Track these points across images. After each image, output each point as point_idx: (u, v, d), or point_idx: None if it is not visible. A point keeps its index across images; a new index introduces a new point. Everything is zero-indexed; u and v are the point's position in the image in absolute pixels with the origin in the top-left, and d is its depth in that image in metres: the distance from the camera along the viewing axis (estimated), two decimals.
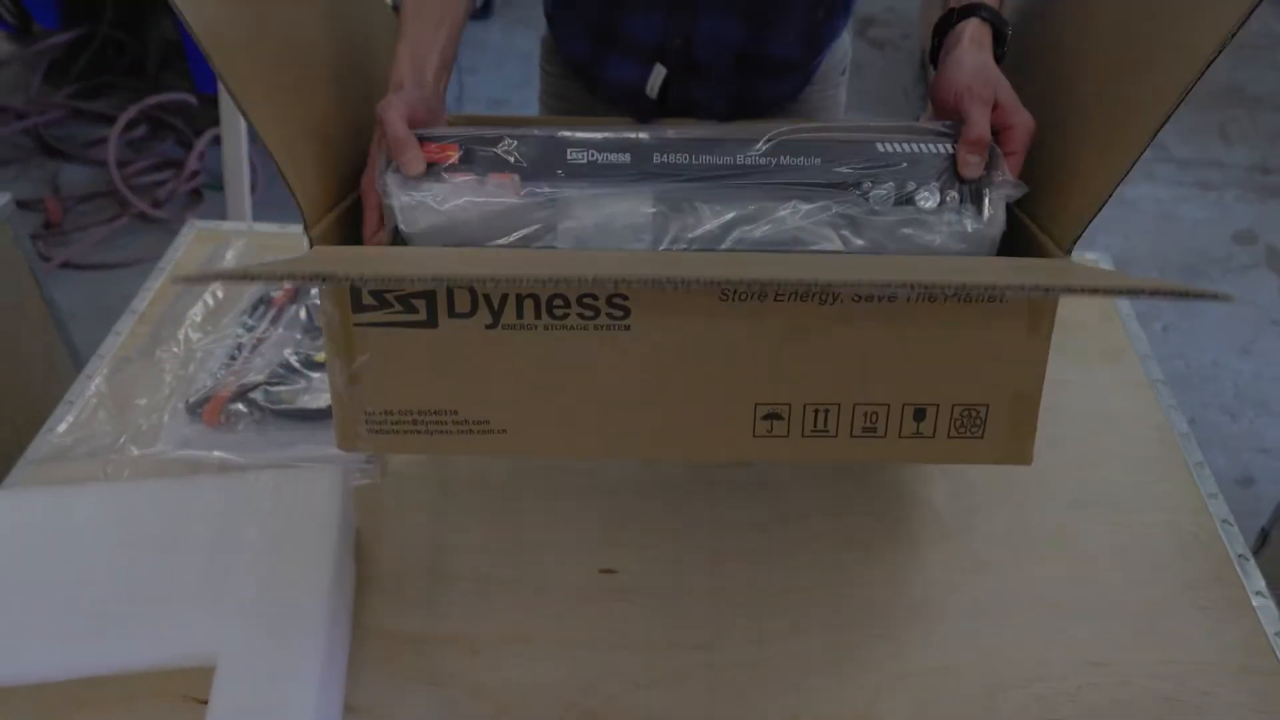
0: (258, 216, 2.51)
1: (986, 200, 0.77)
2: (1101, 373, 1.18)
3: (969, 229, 0.76)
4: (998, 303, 0.73)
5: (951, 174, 0.78)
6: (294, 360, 1.09)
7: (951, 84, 0.82)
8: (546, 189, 0.77)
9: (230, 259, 1.26)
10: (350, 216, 0.85)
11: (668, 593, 0.90)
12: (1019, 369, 0.75)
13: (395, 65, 0.87)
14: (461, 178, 0.78)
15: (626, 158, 0.79)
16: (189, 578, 0.83)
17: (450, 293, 0.73)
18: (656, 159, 0.79)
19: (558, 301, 0.73)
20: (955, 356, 0.75)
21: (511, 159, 0.79)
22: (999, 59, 0.86)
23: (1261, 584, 0.92)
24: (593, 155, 0.79)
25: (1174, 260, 2.72)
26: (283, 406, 1.05)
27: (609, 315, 0.73)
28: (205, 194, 2.87)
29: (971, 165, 0.77)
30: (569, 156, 0.79)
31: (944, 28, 0.89)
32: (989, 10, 0.87)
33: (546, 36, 1.22)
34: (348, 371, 0.76)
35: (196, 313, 1.16)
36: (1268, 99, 3.43)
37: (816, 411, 0.77)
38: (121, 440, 1.02)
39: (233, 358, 1.11)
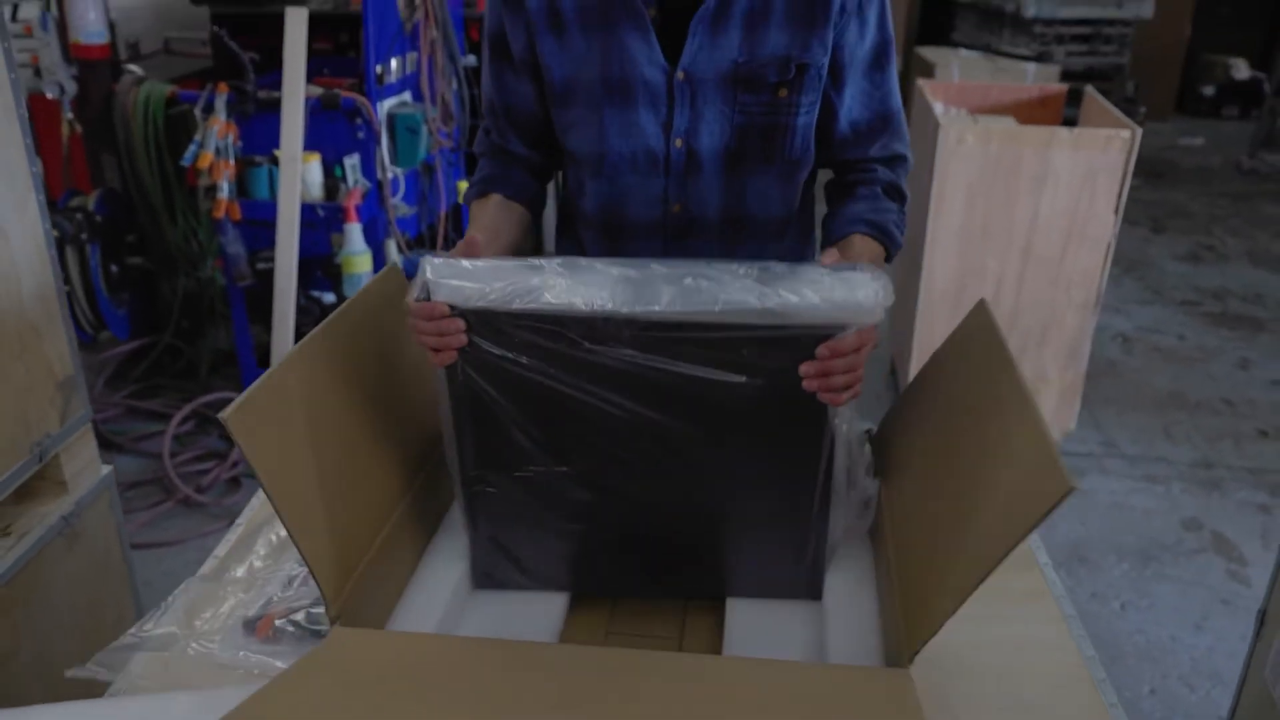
0: None
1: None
2: (1022, 609, 1.39)
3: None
4: None
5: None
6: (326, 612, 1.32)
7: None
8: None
9: None
10: (359, 583, 1.17)
11: None
12: None
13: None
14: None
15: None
16: None
17: None
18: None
19: None
20: None
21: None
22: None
23: None
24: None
25: (1129, 545, 2.95)
26: (319, 627, 1.27)
27: None
28: (243, 481, 3.16)
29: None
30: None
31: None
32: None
33: None
34: None
35: (261, 547, 1.41)
36: (1205, 403, 3.80)
37: None
38: (189, 645, 1.24)
39: (286, 586, 1.34)
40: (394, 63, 3.39)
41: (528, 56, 1.38)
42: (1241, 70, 8.30)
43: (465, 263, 1.13)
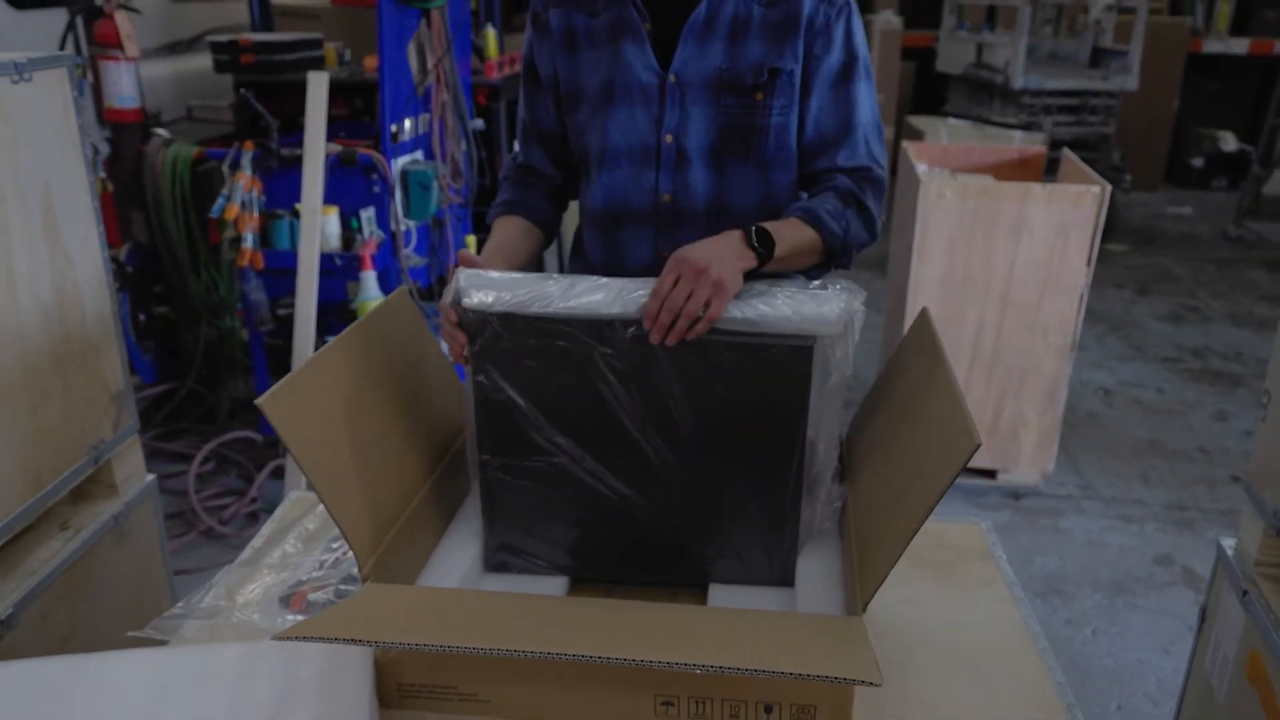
0: None
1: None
2: (978, 594, 1.54)
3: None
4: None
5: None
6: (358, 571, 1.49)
7: None
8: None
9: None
10: (383, 558, 1.32)
11: None
12: (835, 689, 1.14)
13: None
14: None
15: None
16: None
17: None
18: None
19: None
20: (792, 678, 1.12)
21: None
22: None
23: None
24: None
25: (1103, 578, 3.09)
26: None
27: None
28: (261, 515, 3.32)
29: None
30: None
31: None
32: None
33: None
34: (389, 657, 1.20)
35: (293, 538, 1.58)
36: (1182, 452, 3.95)
37: (698, 702, 1.17)
38: (232, 615, 1.40)
39: (317, 568, 1.50)
40: (407, 123, 3.62)
41: (552, 77, 1.62)
42: (1230, 143, 8.54)
43: (492, 273, 1.35)
